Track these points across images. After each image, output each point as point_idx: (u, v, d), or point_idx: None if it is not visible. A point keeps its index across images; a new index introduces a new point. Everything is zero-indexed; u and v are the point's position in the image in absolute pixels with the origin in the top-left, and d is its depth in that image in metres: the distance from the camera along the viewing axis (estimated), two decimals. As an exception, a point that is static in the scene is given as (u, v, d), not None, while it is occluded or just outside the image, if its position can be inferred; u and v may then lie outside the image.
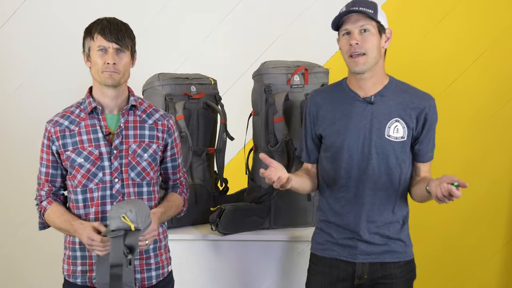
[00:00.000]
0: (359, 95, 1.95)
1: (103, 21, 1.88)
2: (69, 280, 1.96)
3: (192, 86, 2.52)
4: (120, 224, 1.68)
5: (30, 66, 3.33)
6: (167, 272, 2.05)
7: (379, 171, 1.92)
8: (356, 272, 1.95)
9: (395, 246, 1.96)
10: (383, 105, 1.93)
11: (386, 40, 1.93)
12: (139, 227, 1.70)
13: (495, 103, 3.33)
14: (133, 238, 1.70)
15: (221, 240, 2.40)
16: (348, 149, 1.94)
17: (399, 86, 1.97)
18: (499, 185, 3.35)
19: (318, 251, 2.05)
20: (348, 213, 1.96)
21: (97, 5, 3.23)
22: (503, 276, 3.40)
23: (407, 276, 1.99)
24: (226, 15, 3.35)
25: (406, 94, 1.95)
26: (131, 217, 1.68)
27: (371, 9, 1.87)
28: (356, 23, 1.87)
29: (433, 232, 3.36)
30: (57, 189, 1.97)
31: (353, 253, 1.96)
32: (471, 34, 3.31)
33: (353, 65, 1.89)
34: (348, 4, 1.92)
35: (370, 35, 1.87)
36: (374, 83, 1.94)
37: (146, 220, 1.74)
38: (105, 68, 1.85)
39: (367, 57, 1.87)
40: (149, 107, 2.02)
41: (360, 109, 1.94)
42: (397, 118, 1.92)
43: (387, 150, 1.92)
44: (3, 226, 3.37)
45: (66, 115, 1.95)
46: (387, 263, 1.95)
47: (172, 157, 2.06)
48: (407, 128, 1.92)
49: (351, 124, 1.94)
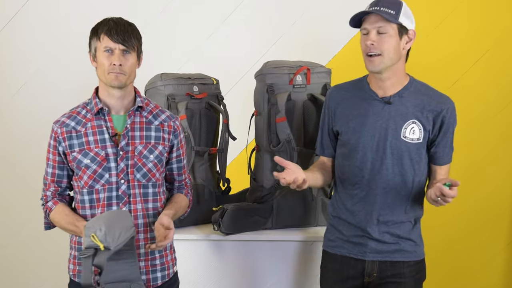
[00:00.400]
0: (377, 94, 1.96)
1: (110, 22, 1.87)
2: (74, 280, 1.96)
3: (194, 86, 2.52)
4: (91, 243, 1.62)
5: (32, 66, 3.33)
6: (173, 273, 2.04)
7: (392, 171, 1.93)
8: (366, 270, 1.96)
9: (405, 245, 1.97)
10: (401, 106, 1.93)
11: (408, 41, 1.91)
12: (109, 247, 1.62)
13: (497, 104, 3.32)
14: (102, 257, 1.62)
15: (223, 240, 2.40)
16: (363, 147, 1.95)
17: (418, 87, 1.97)
18: (502, 186, 3.35)
19: (329, 248, 2.07)
20: (359, 211, 1.97)
21: (100, 5, 3.23)
22: (505, 276, 3.40)
23: (417, 276, 2.00)
24: (228, 15, 3.35)
25: (424, 96, 1.94)
26: (100, 236, 1.60)
27: (393, 10, 1.84)
28: (374, 24, 1.86)
29: (435, 233, 3.35)
30: (63, 190, 1.97)
31: (363, 251, 1.96)
32: (473, 35, 3.31)
33: (369, 64, 1.90)
34: (372, 2, 1.89)
35: (388, 36, 1.86)
36: (393, 83, 1.94)
37: (119, 238, 1.66)
38: (111, 69, 1.85)
39: (382, 58, 1.87)
40: (156, 108, 2.01)
41: (377, 109, 1.94)
42: (414, 119, 1.92)
43: (402, 151, 1.91)
44: (5, 227, 3.37)
45: (72, 115, 1.95)
46: (397, 262, 1.96)
47: (177, 158, 2.05)
48: (423, 130, 1.92)
49: (367, 123, 1.94)
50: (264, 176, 2.49)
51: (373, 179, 1.94)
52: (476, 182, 3.31)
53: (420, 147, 1.93)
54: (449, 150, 1.97)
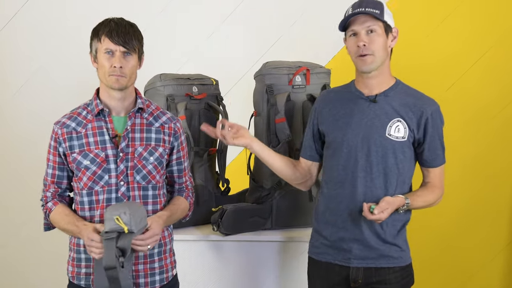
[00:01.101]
0: (363, 93, 1.97)
1: (111, 23, 1.86)
2: (73, 282, 1.95)
3: (194, 87, 2.52)
4: (114, 226, 1.67)
5: (32, 65, 3.33)
6: (172, 276, 2.03)
7: (377, 170, 1.92)
8: (351, 276, 1.94)
9: (390, 251, 1.94)
10: (386, 104, 1.93)
11: (393, 39, 1.95)
12: (133, 230, 1.68)
13: (497, 104, 3.32)
14: (126, 240, 1.68)
15: (222, 241, 2.40)
16: (347, 145, 1.94)
17: (404, 89, 1.98)
18: (501, 187, 3.35)
19: (314, 254, 2.05)
20: (343, 210, 1.95)
21: (99, 5, 3.23)
22: (505, 277, 3.40)
23: (403, 282, 1.97)
24: (228, 16, 3.35)
25: (410, 97, 1.95)
26: (125, 219, 1.67)
27: (378, 9, 1.88)
28: (363, 24, 1.88)
29: (434, 233, 3.36)
30: (63, 191, 1.97)
31: (347, 257, 1.94)
32: (473, 34, 3.31)
33: (361, 64, 1.90)
34: (354, 4, 1.92)
35: (377, 35, 1.88)
36: (380, 82, 1.95)
37: (140, 223, 1.72)
38: (112, 72, 1.84)
39: (374, 57, 1.88)
40: (156, 110, 2.01)
41: (363, 107, 1.95)
42: (399, 118, 1.92)
43: (386, 149, 1.91)
44: (5, 227, 3.37)
45: (73, 116, 1.94)
46: (382, 268, 1.94)
47: (177, 160, 2.04)
48: (408, 129, 1.92)
49: (353, 121, 1.95)
50: (263, 176, 2.49)
51: (357, 177, 1.93)
52: (476, 182, 3.32)
53: (405, 146, 1.93)
54: (440, 152, 1.97)
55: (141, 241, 1.77)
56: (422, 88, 1.90)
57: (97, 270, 1.75)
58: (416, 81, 3.25)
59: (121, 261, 1.67)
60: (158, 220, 1.85)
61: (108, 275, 1.68)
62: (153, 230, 1.80)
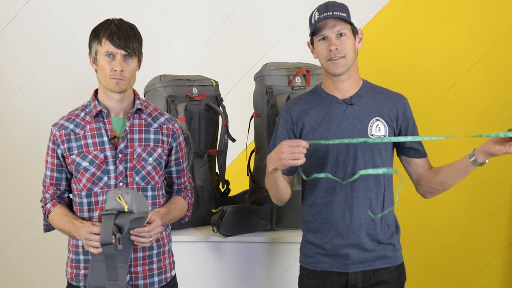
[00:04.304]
0: (337, 97, 1.95)
1: (112, 25, 1.85)
2: (72, 283, 1.95)
3: (193, 88, 2.52)
4: (114, 204, 1.70)
5: (31, 68, 3.33)
6: (170, 277, 2.02)
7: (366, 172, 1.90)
8: (350, 282, 1.93)
9: (386, 251, 1.93)
10: (362, 105, 1.93)
11: (359, 40, 1.95)
12: (132, 210, 1.70)
13: (497, 105, 3.32)
14: (124, 219, 1.69)
15: (222, 242, 2.40)
16: (332, 152, 1.92)
17: (372, 87, 1.99)
18: (501, 187, 3.34)
19: (309, 264, 1.99)
20: (337, 217, 1.92)
21: (98, 7, 3.23)
22: (504, 278, 3.39)
23: (399, 280, 1.97)
24: (227, 17, 3.35)
25: (380, 95, 1.97)
26: (127, 198, 1.70)
27: (344, 12, 1.88)
28: (333, 29, 1.87)
29: (434, 234, 3.35)
30: (61, 192, 1.97)
31: (345, 263, 1.92)
32: (474, 35, 3.30)
33: (334, 67, 1.89)
34: (320, 9, 1.90)
35: (347, 38, 1.88)
36: (351, 84, 1.95)
37: (141, 207, 1.74)
38: (112, 75, 1.84)
39: (346, 59, 1.88)
40: (155, 111, 2.01)
41: (340, 111, 1.93)
42: (377, 117, 1.92)
43: (372, 149, 1.91)
44: (5, 229, 3.37)
45: (71, 118, 1.94)
46: (379, 269, 1.93)
47: (176, 161, 2.04)
48: (388, 126, 1.92)
49: (332, 127, 1.92)
50: (263, 177, 2.49)
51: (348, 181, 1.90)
52: (476, 182, 3.30)
53: (387, 143, 1.93)
54: (420, 142, 1.98)
55: (146, 233, 1.78)
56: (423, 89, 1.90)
57: (93, 268, 1.75)
58: (415, 82, 3.28)
59: (118, 237, 1.68)
60: (157, 214, 1.86)
61: (105, 252, 1.70)
62: (156, 222, 1.82)
